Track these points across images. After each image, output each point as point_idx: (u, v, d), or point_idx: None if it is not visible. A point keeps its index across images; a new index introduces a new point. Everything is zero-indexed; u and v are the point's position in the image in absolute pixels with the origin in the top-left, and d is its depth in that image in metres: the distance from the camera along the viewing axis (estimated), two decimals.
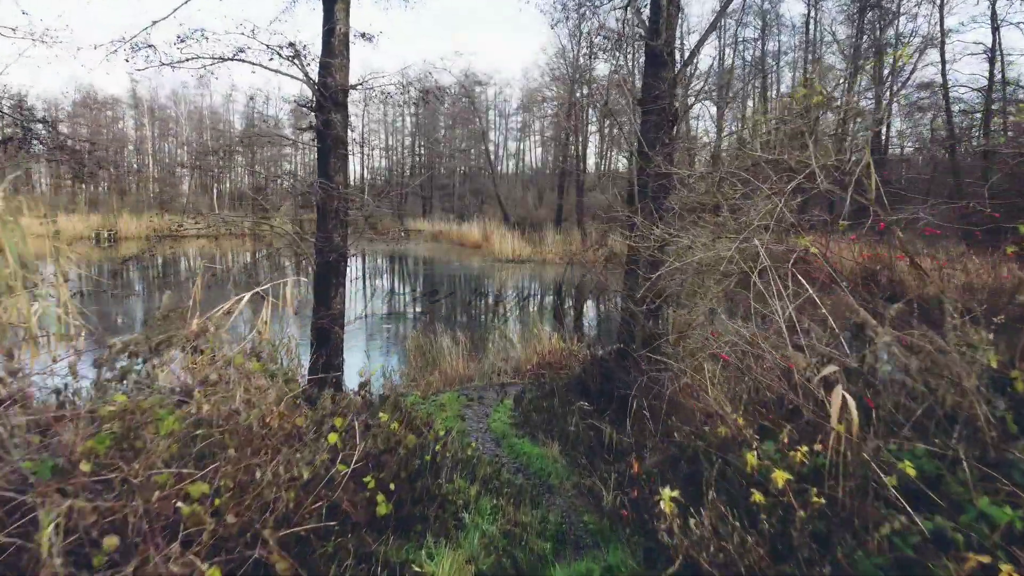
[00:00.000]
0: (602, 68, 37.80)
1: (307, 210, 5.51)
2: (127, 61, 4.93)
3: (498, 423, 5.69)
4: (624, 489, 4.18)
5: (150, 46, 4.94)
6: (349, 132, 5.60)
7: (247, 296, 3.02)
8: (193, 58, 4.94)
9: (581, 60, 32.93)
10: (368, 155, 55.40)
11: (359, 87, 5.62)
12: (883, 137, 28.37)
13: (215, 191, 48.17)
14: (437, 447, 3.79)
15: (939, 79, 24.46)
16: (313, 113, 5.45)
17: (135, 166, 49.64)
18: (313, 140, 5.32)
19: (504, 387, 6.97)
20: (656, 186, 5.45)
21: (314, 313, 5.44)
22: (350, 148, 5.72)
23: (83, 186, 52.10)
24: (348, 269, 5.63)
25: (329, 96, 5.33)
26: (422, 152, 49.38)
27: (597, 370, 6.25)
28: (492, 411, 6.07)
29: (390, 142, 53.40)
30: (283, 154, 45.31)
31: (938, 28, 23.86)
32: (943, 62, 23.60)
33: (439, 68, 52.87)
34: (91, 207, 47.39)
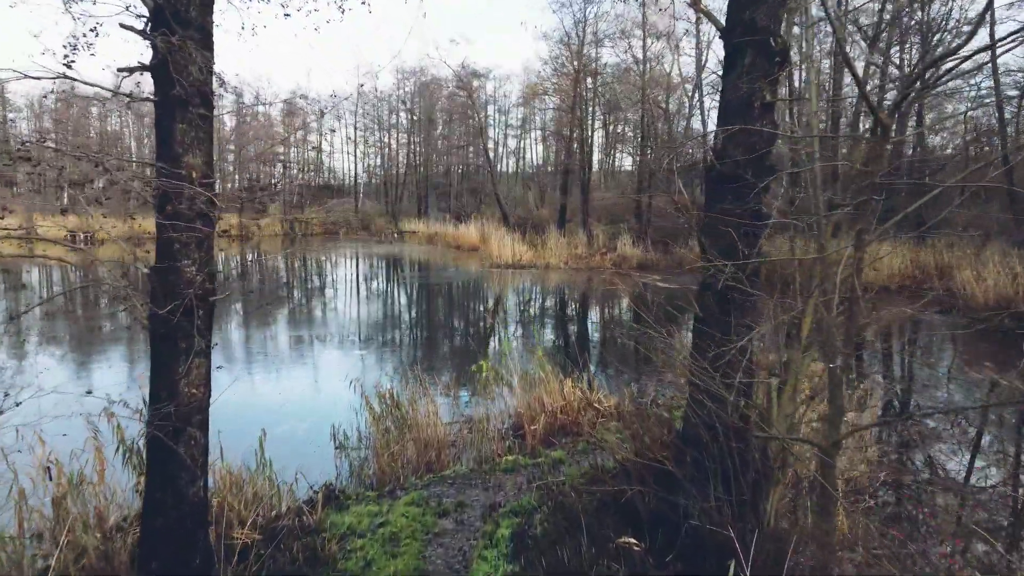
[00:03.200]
0: (607, 57, 35.32)
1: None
2: None
3: None
4: None
5: None
6: (215, 78, 3.14)
7: None
8: None
9: (585, 49, 30.51)
10: (365, 153, 52.93)
11: None
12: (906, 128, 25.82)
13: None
14: None
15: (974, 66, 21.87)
16: (146, 42, 3.03)
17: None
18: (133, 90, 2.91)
19: (494, 506, 4.40)
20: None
21: (148, 407, 2.99)
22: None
23: (60, 188, 49.71)
24: (213, 318, 3.17)
25: (172, 8, 2.90)
26: (419, 150, 46.91)
27: (649, 479, 3.79)
28: (476, 556, 3.60)
29: (385, 139, 50.98)
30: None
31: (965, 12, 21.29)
32: (992, 47, 21.10)
33: (434, 59, 50.42)
34: (72, 208, 44.94)
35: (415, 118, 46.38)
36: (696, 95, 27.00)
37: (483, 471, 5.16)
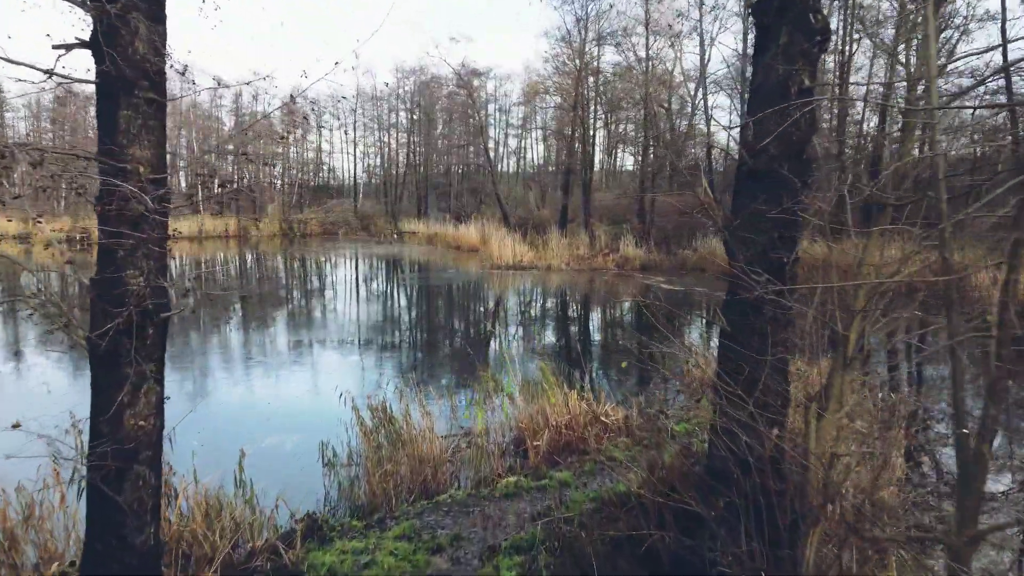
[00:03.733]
0: (610, 56, 34.84)
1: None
2: None
3: None
4: None
5: None
6: (168, 60, 2.70)
7: None
8: None
9: (587, 47, 30.04)
10: (365, 153, 52.35)
11: None
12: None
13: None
14: None
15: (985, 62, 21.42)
16: (87, 13, 2.60)
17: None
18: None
19: (495, 548, 3.92)
20: None
21: (90, 441, 2.55)
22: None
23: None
24: (168, 331, 2.73)
25: None
26: (419, 149, 46.44)
27: (669, 519, 3.35)
28: None
29: (385, 139, 50.52)
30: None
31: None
32: (1004, 43, 20.61)
33: (434, 57, 49.86)
34: (71, 210, 44.41)
35: (415, 117, 45.94)
36: (699, 92, 26.59)
37: (481, 496, 4.72)
